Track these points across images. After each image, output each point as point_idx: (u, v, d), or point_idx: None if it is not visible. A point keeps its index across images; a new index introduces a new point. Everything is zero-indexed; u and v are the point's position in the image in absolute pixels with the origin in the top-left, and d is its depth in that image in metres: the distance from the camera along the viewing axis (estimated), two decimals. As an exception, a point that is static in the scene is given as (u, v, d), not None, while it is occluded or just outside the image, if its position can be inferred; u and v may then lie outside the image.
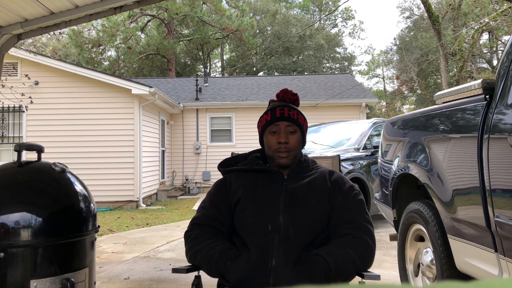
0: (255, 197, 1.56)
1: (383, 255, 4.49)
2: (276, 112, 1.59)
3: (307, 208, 1.52)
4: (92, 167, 8.64)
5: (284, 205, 1.52)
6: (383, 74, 38.47)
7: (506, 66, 1.85)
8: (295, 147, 1.58)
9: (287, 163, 1.58)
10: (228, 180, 1.65)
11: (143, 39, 24.21)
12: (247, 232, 1.52)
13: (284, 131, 1.57)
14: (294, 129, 1.58)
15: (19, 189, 1.72)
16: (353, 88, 13.60)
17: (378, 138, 6.19)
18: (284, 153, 1.57)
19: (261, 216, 1.51)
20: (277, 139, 1.57)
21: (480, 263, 1.89)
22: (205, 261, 1.49)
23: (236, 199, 1.59)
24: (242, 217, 1.55)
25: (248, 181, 1.61)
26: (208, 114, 12.70)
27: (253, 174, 1.63)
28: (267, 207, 1.53)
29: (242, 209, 1.55)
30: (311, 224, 1.51)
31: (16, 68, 8.91)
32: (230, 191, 1.62)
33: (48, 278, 1.63)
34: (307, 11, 34.03)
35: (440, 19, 17.70)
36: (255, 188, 1.58)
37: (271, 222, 1.49)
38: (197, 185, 12.30)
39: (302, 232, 1.49)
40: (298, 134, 1.59)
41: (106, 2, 3.18)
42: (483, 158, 1.78)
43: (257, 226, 1.50)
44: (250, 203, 1.55)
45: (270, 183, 1.59)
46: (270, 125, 1.59)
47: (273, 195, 1.55)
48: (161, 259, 4.46)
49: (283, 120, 1.57)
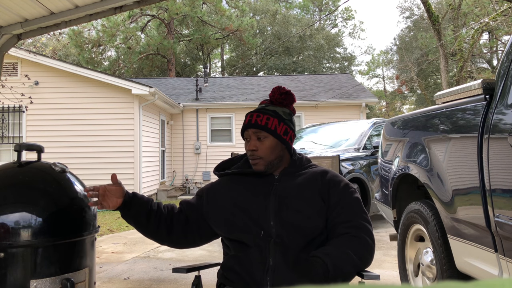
0: (246, 201, 1.54)
1: (383, 255, 4.49)
2: (246, 119, 1.59)
3: (296, 212, 1.49)
4: (92, 167, 8.63)
5: (273, 208, 1.50)
6: (383, 74, 38.51)
7: (506, 66, 1.85)
8: (266, 154, 1.55)
9: (260, 170, 1.56)
10: (222, 183, 1.65)
11: (143, 39, 24.22)
12: (238, 234, 1.51)
13: (253, 139, 1.56)
14: (264, 135, 1.54)
15: (19, 189, 1.72)
16: (353, 88, 13.60)
17: (378, 138, 6.19)
18: (255, 160, 1.56)
19: (252, 220, 1.50)
20: (248, 146, 1.57)
21: (480, 263, 1.89)
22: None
23: (225, 201, 1.58)
24: (233, 221, 1.53)
25: (239, 184, 1.60)
26: (208, 114, 12.71)
27: (244, 177, 1.62)
28: (257, 210, 1.51)
29: (232, 213, 1.54)
30: (302, 227, 1.48)
31: (16, 68, 8.91)
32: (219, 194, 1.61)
33: (48, 278, 1.63)
34: (307, 11, 34.03)
35: (440, 19, 17.71)
36: (246, 192, 1.57)
37: (262, 227, 1.48)
38: (197, 185, 12.29)
39: (295, 236, 1.47)
40: (270, 140, 1.55)
41: (106, 2, 3.18)
42: (483, 158, 1.78)
43: (249, 230, 1.49)
44: (239, 207, 1.54)
45: (260, 185, 1.57)
46: (243, 133, 1.60)
47: (263, 198, 1.53)
48: (161, 259, 4.46)
49: (250, 128, 1.56)
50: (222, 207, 1.57)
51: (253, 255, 1.45)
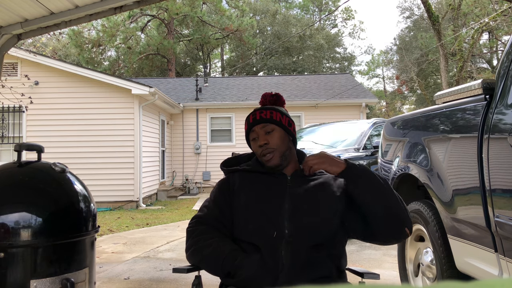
0: (259, 201, 1.53)
1: (383, 255, 4.49)
2: (250, 119, 1.60)
3: (311, 214, 1.48)
4: (92, 167, 8.64)
5: (288, 210, 1.49)
6: (383, 74, 38.51)
7: (506, 66, 1.85)
8: (278, 144, 1.56)
9: (276, 163, 1.55)
10: (232, 180, 1.62)
11: (143, 39, 24.22)
12: (251, 236, 1.49)
13: (261, 134, 1.57)
14: (271, 128, 1.57)
15: (19, 189, 1.72)
16: (353, 88, 13.60)
17: (378, 138, 6.18)
18: (268, 154, 1.55)
19: (266, 220, 1.48)
20: (258, 144, 1.57)
21: (480, 263, 1.89)
22: (212, 256, 1.46)
23: (239, 200, 1.56)
24: (246, 221, 1.51)
25: (252, 183, 1.58)
26: (208, 114, 12.71)
27: (256, 175, 1.60)
28: (271, 211, 1.49)
29: (246, 213, 1.52)
30: (316, 229, 1.47)
31: (16, 68, 8.91)
32: (233, 191, 1.59)
33: (48, 278, 1.63)
34: (307, 11, 34.04)
35: (440, 19, 17.70)
36: (259, 191, 1.55)
37: (276, 228, 1.46)
38: (197, 185, 12.29)
39: (308, 238, 1.45)
40: (278, 131, 1.57)
41: (106, 2, 3.18)
42: (483, 158, 1.78)
43: (261, 230, 1.47)
44: (253, 207, 1.52)
45: (274, 185, 1.55)
46: (249, 134, 1.61)
47: (277, 199, 1.52)
48: (161, 259, 4.46)
49: (257, 124, 1.58)
50: (240, 206, 1.55)
51: (265, 256, 1.43)
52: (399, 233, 1.44)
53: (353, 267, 1.61)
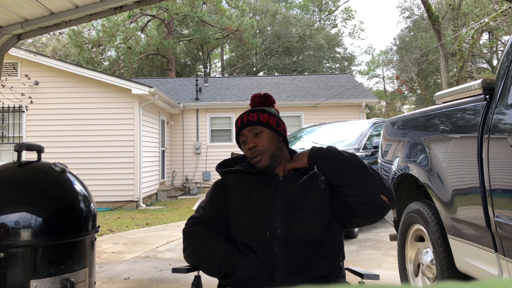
0: (251, 201, 1.54)
1: (383, 255, 4.49)
2: (238, 123, 1.63)
3: (303, 213, 1.50)
4: (92, 167, 8.64)
5: (279, 209, 1.50)
6: (383, 74, 38.49)
7: (506, 66, 1.85)
8: (266, 146, 1.57)
9: (265, 165, 1.57)
10: (226, 181, 1.65)
11: (143, 39, 24.21)
12: (245, 237, 1.51)
13: (250, 137, 1.59)
14: (259, 130, 1.58)
15: (19, 189, 1.72)
16: (353, 88, 13.60)
17: (378, 138, 6.18)
18: (258, 157, 1.56)
19: (258, 220, 1.50)
20: (247, 147, 1.59)
21: (480, 263, 1.89)
22: (209, 257, 1.48)
23: (232, 201, 1.58)
24: (239, 222, 1.53)
25: (244, 184, 1.60)
26: (208, 114, 12.71)
27: (249, 176, 1.62)
28: (263, 211, 1.51)
29: (239, 214, 1.54)
30: (309, 228, 1.48)
31: (16, 68, 8.91)
32: (227, 192, 1.61)
33: (48, 278, 1.63)
34: (307, 11, 34.03)
35: (440, 19, 17.70)
36: (251, 192, 1.57)
37: (268, 228, 1.48)
38: (197, 185, 12.30)
39: (301, 236, 1.47)
40: (266, 133, 1.58)
41: (106, 2, 3.18)
42: (483, 158, 1.78)
43: (254, 231, 1.49)
44: (246, 207, 1.54)
45: (266, 186, 1.57)
46: (239, 137, 1.64)
47: (269, 199, 1.53)
48: (161, 259, 4.46)
49: (245, 127, 1.60)
50: (233, 206, 1.57)
51: (260, 256, 1.44)
52: (377, 204, 1.43)
53: (353, 267, 1.62)
